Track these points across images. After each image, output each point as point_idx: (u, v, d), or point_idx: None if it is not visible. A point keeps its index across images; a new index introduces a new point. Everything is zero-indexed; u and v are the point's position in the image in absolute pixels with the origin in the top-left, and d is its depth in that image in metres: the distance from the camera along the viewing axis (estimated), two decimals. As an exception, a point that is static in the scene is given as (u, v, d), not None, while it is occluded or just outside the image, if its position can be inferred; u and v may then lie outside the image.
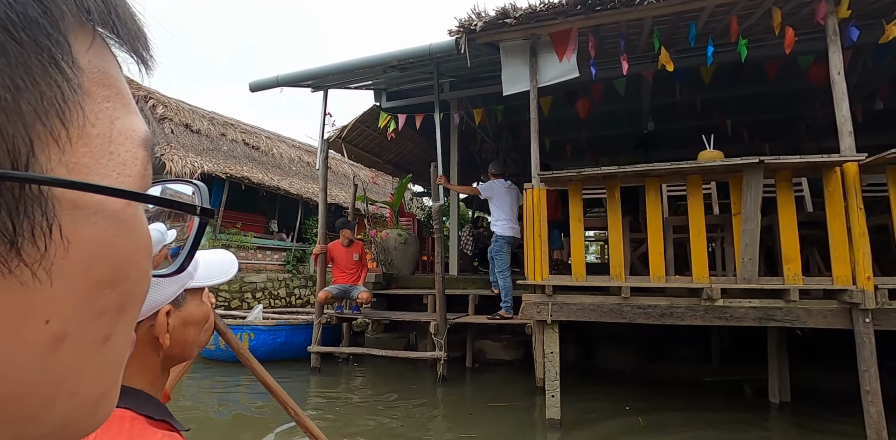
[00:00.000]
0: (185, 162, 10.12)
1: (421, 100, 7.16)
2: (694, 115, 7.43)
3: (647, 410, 4.01)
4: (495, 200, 4.98)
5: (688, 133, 8.18)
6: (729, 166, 3.05)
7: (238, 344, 1.13)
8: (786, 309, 3.13)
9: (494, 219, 4.99)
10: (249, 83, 5.09)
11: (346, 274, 5.53)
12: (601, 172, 3.24)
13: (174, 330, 0.64)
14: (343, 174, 15.18)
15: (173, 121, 11.64)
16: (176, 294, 0.64)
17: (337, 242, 5.65)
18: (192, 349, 0.70)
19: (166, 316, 0.62)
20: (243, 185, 10.75)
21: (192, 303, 0.68)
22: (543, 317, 3.48)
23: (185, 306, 0.67)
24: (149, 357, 0.63)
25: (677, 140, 8.31)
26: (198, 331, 0.70)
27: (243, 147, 12.79)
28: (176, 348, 0.65)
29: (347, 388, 4.78)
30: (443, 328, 4.85)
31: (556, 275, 3.63)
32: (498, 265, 4.95)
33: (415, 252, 7.01)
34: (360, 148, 8.08)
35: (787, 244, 3.12)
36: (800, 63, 5.52)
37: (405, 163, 9.26)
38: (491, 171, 5.19)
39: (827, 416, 3.74)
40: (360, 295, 5.23)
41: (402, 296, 6.55)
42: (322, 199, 5.51)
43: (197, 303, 0.70)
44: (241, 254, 10.80)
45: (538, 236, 3.62)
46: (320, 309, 5.41)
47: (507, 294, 4.92)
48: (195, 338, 0.70)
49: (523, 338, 6.03)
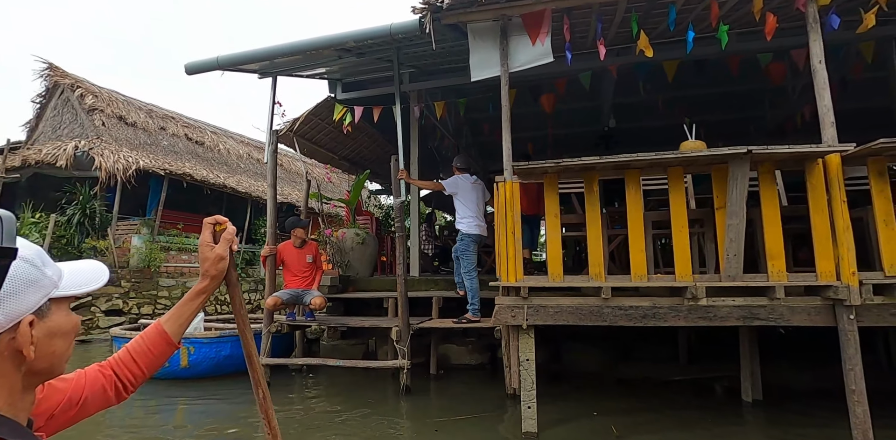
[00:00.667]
0: (118, 157, 9.19)
1: (379, 91, 6.72)
2: (655, 113, 7.41)
3: (620, 413, 3.79)
4: (460, 196, 4.63)
5: (649, 132, 8.20)
6: (714, 157, 2.84)
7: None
8: (770, 307, 2.96)
9: (460, 216, 4.65)
10: (185, 65, 4.48)
11: (298, 277, 5.02)
12: (579, 163, 2.96)
13: (39, 342, 0.61)
14: (296, 172, 14.43)
15: (105, 112, 10.62)
16: (39, 304, 0.61)
17: (288, 243, 5.13)
18: (62, 363, 0.67)
19: (29, 326, 0.60)
20: (185, 182, 9.89)
21: (58, 313, 0.65)
22: (519, 322, 3.17)
23: (50, 316, 0.64)
24: (8, 373, 0.60)
25: (639, 138, 8.31)
26: (66, 343, 0.67)
27: (185, 142, 11.87)
28: (42, 362, 0.63)
29: (301, 404, 4.29)
30: (405, 334, 4.45)
31: (532, 276, 3.32)
32: (464, 265, 4.61)
33: (373, 252, 6.56)
34: (313, 142, 7.54)
35: (770, 239, 2.95)
36: (759, 60, 5.53)
37: (362, 159, 8.78)
38: (455, 165, 4.84)
39: (803, 415, 3.64)
40: (313, 300, 4.74)
41: (361, 300, 6.09)
42: (271, 195, 4.98)
43: (64, 314, 0.67)
44: (182, 257, 9.94)
45: (511, 234, 3.30)
46: (269, 316, 4.87)
47: (475, 296, 4.59)
48: (64, 350, 0.67)
49: (489, 341, 5.72)
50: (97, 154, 9.02)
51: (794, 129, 7.39)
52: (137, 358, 0.90)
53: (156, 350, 0.92)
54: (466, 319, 4.57)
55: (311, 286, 5.02)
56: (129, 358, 0.90)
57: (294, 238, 5.08)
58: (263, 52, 4.19)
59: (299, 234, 5.06)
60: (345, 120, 6.78)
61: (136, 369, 0.89)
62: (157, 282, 9.22)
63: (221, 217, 0.98)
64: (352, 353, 5.97)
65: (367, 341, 6.06)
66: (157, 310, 9.13)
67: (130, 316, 8.71)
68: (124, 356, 0.90)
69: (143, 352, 0.91)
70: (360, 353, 6.04)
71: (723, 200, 3.03)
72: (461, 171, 4.78)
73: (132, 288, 8.88)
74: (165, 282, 9.37)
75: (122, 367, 0.89)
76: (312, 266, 5.11)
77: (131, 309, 8.77)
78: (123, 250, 9.12)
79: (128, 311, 8.74)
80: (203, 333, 4.93)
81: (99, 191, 9.21)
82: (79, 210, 8.98)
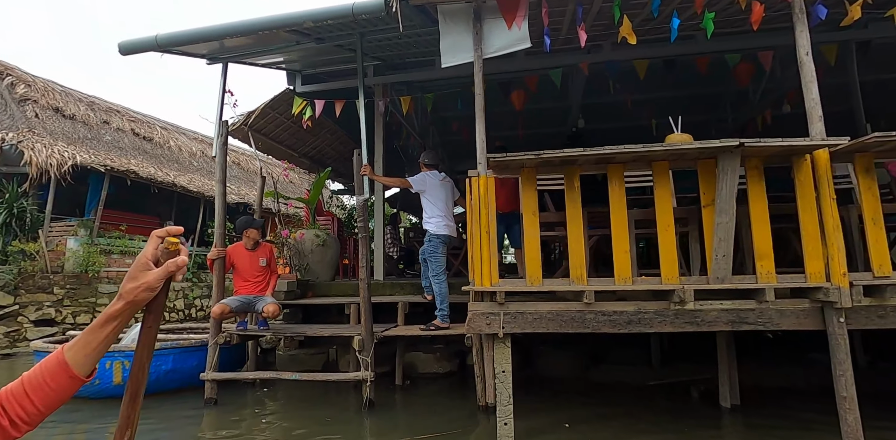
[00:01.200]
0: (52, 151, 8.33)
1: (341, 84, 6.31)
2: (623, 114, 7.33)
3: (595, 422, 3.56)
4: (428, 194, 4.30)
5: (617, 132, 8.11)
6: (704, 150, 2.63)
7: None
8: (758, 310, 2.78)
9: (428, 215, 4.31)
10: (119, 44, 3.95)
11: (249, 283, 4.54)
12: (560, 156, 2.69)
13: None
14: (254, 171, 13.69)
15: (39, 103, 9.67)
16: None
17: (239, 245, 4.64)
18: None
19: None
20: (129, 179, 9.09)
21: None
22: (494, 330, 2.85)
23: None
24: None
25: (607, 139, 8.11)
26: None
27: (132, 137, 11.01)
28: None
29: (251, 425, 3.82)
30: (369, 344, 4.06)
31: (508, 280, 3.02)
32: (432, 268, 4.27)
33: (334, 255, 6.12)
34: (270, 138, 7.02)
35: (759, 239, 2.77)
36: (727, 61, 5.50)
37: (323, 157, 8.30)
38: (423, 161, 4.51)
39: (784, 418, 3.51)
40: (266, 308, 4.28)
41: (321, 306, 5.65)
42: (219, 192, 4.48)
43: None
44: (126, 260, 9.14)
45: (485, 233, 2.99)
46: (216, 326, 4.36)
47: (443, 301, 4.26)
48: None
49: (458, 348, 5.41)
50: (27, 147, 8.14)
51: (755, 131, 7.48)
52: (31, 392, 0.72)
53: (54, 383, 0.73)
54: (435, 326, 4.23)
55: (264, 292, 4.55)
56: (21, 391, 0.72)
57: (246, 239, 4.60)
58: (209, 31, 3.73)
59: (252, 235, 4.59)
60: (304, 114, 6.33)
61: (28, 405, 0.71)
62: (97, 288, 8.40)
63: (175, 228, 0.80)
64: (311, 364, 5.51)
65: (327, 350, 5.62)
66: (95, 318, 8.29)
67: (65, 326, 7.87)
68: (16, 389, 0.72)
69: (38, 386, 0.73)
70: (319, 364, 5.58)
71: (710, 197, 2.82)
72: (429, 167, 4.45)
73: (67, 295, 8.03)
74: (106, 288, 8.55)
75: (12, 402, 0.71)
76: (266, 270, 4.64)
77: (65, 318, 7.93)
78: (57, 253, 8.26)
79: (61, 321, 7.89)
80: (140, 346, 4.37)
81: (29, 188, 8.31)
82: (5, 209, 8.07)
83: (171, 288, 7.77)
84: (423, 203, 4.33)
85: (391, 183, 4.37)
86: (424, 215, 4.34)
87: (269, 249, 4.70)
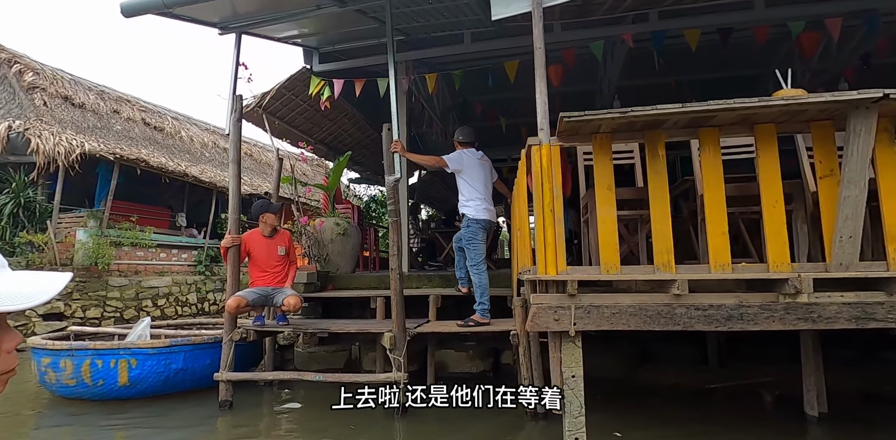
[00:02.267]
0: (59, 139, 7.91)
1: (361, 62, 5.82)
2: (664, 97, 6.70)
3: (653, 428, 3.06)
4: (465, 174, 3.79)
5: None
6: (832, 104, 2.09)
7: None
8: (889, 304, 2.24)
9: (465, 198, 3.80)
10: (122, 4, 3.47)
11: (267, 273, 4.07)
12: (650, 114, 2.16)
13: None
14: (267, 163, 13.27)
15: (47, 91, 9.27)
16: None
17: (255, 232, 4.17)
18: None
19: None
20: (139, 169, 8.66)
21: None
22: (564, 327, 2.34)
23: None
24: None
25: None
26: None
27: (142, 127, 10.59)
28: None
29: (270, 430, 3.36)
30: (401, 341, 3.57)
31: (578, 267, 2.50)
32: (471, 257, 3.77)
33: (356, 245, 5.64)
34: (286, 122, 6.54)
35: (891, 216, 2.23)
36: (791, 30, 4.91)
37: (340, 144, 7.81)
38: (458, 139, 3.99)
39: (890, 434, 2.97)
40: (286, 300, 3.80)
41: (342, 300, 5.17)
42: (234, 173, 4.00)
43: None
44: (137, 253, 8.74)
45: (549, 212, 2.47)
46: (231, 322, 3.89)
47: (484, 293, 3.75)
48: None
49: (492, 345, 4.91)
50: (34, 135, 7.73)
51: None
52: None
53: None
54: (474, 321, 3.73)
55: (283, 283, 4.08)
56: None
57: (263, 225, 4.12)
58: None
59: (269, 221, 4.11)
60: (322, 95, 5.85)
61: None
62: (107, 281, 8.00)
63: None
64: (332, 362, 5.04)
65: (349, 347, 5.15)
66: (105, 313, 7.91)
67: (74, 320, 7.48)
68: None
69: None
70: (341, 362, 5.11)
71: (829, 166, 2.28)
72: (464, 145, 3.93)
73: (76, 288, 7.64)
74: (116, 281, 8.15)
75: None
76: (285, 260, 4.16)
77: (75, 312, 7.54)
78: (66, 245, 7.86)
79: (70, 315, 7.50)
80: (148, 342, 3.91)
81: (37, 178, 7.92)
82: (11, 199, 7.68)
83: (184, 282, 7.31)
84: (460, 184, 3.82)
85: (424, 161, 3.86)
86: (461, 198, 3.83)
87: (288, 237, 4.22)
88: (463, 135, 3.94)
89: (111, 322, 7.93)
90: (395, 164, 3.63)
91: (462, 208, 3.81)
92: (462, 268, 4.19)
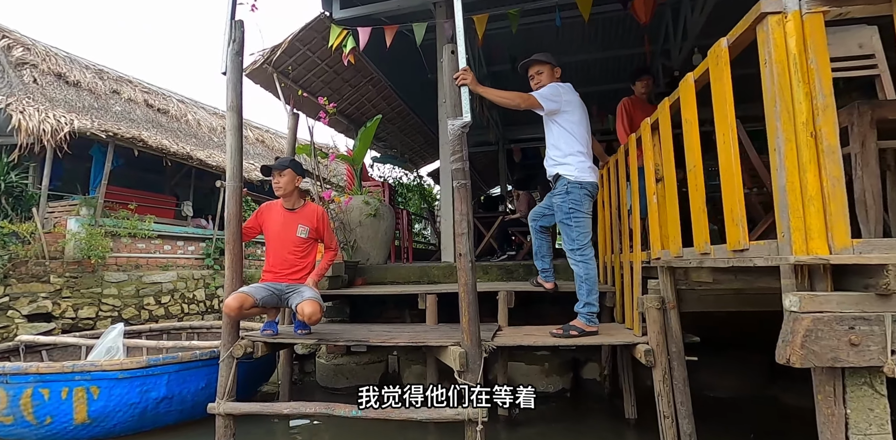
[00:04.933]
0: (45, 116, 6.79)
1: (392, 5, 4.61)
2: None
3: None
4: (564, 118, 2.55)
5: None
6: None
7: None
8: None
9: (561, 152, 2.57)
10: None
11: (285, 263, 2.87)
12: None
13: None
14: (279, 150, 12.10)
15: (38, 67, 8.16)
16: None
17: (277, 202, 2.98)
18: None
19: None
20: (136, 150, 7.53)
21: None
22: (871, 359, 1.12)
23: None
24: None
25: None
26: None
27: (145, 109, 9.47)
28: None
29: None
30: (476, 359, 2.38)
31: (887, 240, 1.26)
32: (573, 237, 2.52)
33: (388, 229, 4.44)
34: (300, 85, 5.33)
35: None
36: None
37: (362, 116, 6.60)
38: (539, 58, 2.73)
39: None
40: (299, 308, 2.60)
41: (374, 297, 4.00)
42: (233, 124, 2.80)
43: None
44: (138, 245, 7.65)
45: (812, 137, 1.25)
46: (232, 329, 2.71)
47: (592, 290, 2.52)
48: None
49: (569, 357, 3.71)
50: (15, 111, 6.63)
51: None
52: None
53: None
54: (578, 329, 2.51)
55: (304, 279, 2.88)
56: None
57: (277, 189, 2.90)
58: None
59: (283, 183, 2.87)
60: (345, 47, 4.65)
61: None
62: (102, 277, 6.91)
63: None
64: (364, 376, 3.87)
65: (385, 358, 3.98)
66: (101, 312, 6.83)
67: (64, 321, 6.41)
68: None
69: None
70: (376, 376, 3.94)
71: None
72: (554, 76, 2.70)
73: (66, 284, 6.55)
74: (114, 276, 7.06)
75: None
76: (308, 245, 2.95)
77: (65, 312, 6.46)
78: (56, 236, 6.77)
79: (60, 315, 6.42)
80: (116, 362, 2.73)
81: (19, 159, 6.83)
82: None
83: (191, 276, 6.14)
84: (554, 134, 2.59)
85: (504, 98, 2.60)
86: (555, 153, 2.60)
87: (320, 215, 2.97)
88: (552, 59, 2.70)
89: (108, 322, 6.84)
90: (462, 102, 2.41)
91: (556, 167, 2.58)
92: (544, 255, 2.98)
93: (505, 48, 6.05)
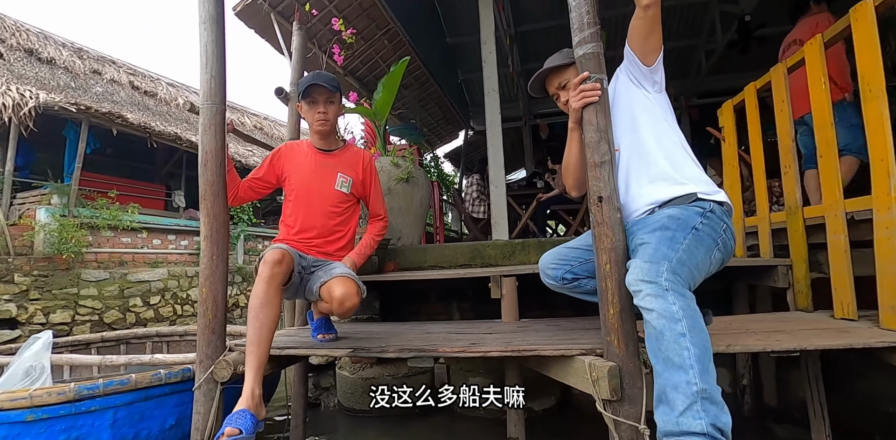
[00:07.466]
0: (7, 89, 5.73)
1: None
2: None
3: None
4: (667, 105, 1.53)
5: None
6: None
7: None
8: None
9: (688, 161, 1.45)
10: None
11: (316, 228, 1.80)
12: None
13: None
14: (280, 138, 11.02)
15: (6, 42, 7.12)
16: None
17: (304, 142, 1.94)
18: None
19: None
20: (114, 128, 6.44)
21: None
22: None
23: None
24: None
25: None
26: None
27: (129, 91, 8.41)
28: None
29: None
30: (636, 379, 1.32)
31: None
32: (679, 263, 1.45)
33: (424, 200, 3.37)
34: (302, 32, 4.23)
35: None
36: None
37: (375, 79, 5.52)
38: (564, 62, 1.58)
39: None
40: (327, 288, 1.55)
41: (415, 288, 2.94)
42: (213, 37, 1.76)
43: None
44: (122, 239, 6.59)
45: None
46: (213, 336, 1.65)
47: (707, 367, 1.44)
48: None
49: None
50: (-32, 83, 5.55)
51: None
52: None
53: None
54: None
55: (341, 252, 1.83)
56: None
57: (324, 123, 1.82)
58: None
59: (333, 118, 1.84)
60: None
61: None
62: (78, 275, 5.83)
63: None
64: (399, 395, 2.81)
65: (431, 369, 2.91)
66: (78, 316, 5.75)
67: (32, 327, 5.33)
68: None
69: None
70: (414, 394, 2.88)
71: None
72: None
73: (35, 285, 5.48)
74: (93, 274, 5.98)
75: None
76: (351, 204, 1.90)
77: (33, 317, 5.38)
78: (23, 228, 5.70)
79: (27, 321, 5.35)
80: (24, 395, 1.66)
81: (-24, 139, 5.76)
82: (-55, 169, 5.52)
83: (184, 274, 4.98)
84: (663, 132, 1.46)
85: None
86: (678, 159, 1.43)
87: (367, 161, 1.93)
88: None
89: (86, 329, 5.78)
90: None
91: (694, 184, 1.41)
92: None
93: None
